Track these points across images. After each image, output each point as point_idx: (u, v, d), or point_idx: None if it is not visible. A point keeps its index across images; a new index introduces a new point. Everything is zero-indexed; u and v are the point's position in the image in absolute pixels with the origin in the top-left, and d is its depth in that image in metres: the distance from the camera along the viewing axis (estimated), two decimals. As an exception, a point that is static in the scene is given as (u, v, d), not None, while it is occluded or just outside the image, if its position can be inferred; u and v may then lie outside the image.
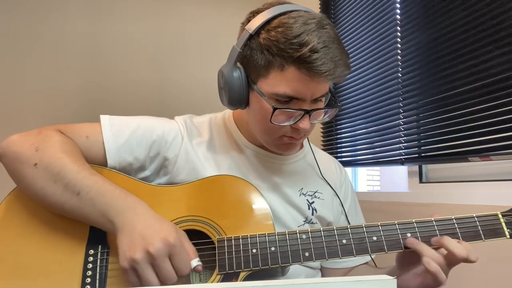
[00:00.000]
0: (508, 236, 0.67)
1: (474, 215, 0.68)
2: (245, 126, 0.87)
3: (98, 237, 0.70)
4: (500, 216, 0.68)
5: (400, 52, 1.50)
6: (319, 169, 0.91)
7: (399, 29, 1.51)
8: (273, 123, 0.72)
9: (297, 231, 0.69)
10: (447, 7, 1.25)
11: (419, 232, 0.67)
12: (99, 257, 0.69)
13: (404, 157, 1.47)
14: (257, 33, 0.72)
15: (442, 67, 1.27)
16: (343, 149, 1.94)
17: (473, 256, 0.64)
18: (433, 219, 0.68)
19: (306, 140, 0.94)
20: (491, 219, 0.68)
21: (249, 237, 0.68)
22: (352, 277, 0.42)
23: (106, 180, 0.69)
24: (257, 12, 0.74)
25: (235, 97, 0.75)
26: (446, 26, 1.25)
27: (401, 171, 1.86)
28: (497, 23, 1.06)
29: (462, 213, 0.69)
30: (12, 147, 0.70)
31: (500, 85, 1.06)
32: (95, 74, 2.24)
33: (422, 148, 1.39)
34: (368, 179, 2.95)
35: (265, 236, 0.68)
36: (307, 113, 0.72)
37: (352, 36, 1.86)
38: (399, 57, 1.50)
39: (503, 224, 0.67)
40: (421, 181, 1.47)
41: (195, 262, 0.64)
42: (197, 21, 2.47)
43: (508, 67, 1.03)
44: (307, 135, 0.82)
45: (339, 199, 0.91)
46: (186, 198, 0.75)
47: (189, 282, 0.71)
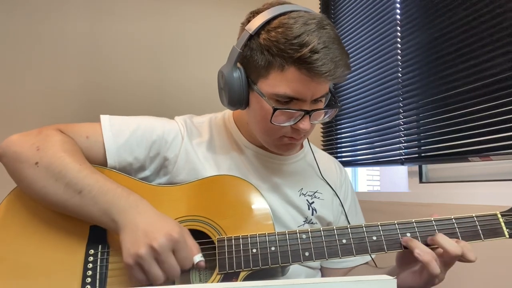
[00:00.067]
0: (507, 236, 0.67)
1: (473, 215, 0.68)
2: (245, 126, 0.87)
3: (99, 236, 0.70)
4: (499, 216, 0.68)
5: (400, 52, 1.50)
6: (319, 169, 0.91)
7: (399, 29, 1.51)
8: (273, 123, 0.72)
9: (297, 231, 0.69)
10: (447, 7, 1.25)
11: (418, 232, 0.68)
12: (99, 256, 0.69)
13: (404, 157, 1.47)
14: (257, 33, 0.72)
15: (442, 67, 1.27)
16: (343, 149, 1.94)
17: (472, 256, 0.64)
18: (432, 219, 0.68)
19: (306, 140, 0.94)
20: (490, 219, 0.68)
21: (249, 237, 0.68)
22: (352, 277, 0.42)
23: (108, 178, 0.69)
24: (257, 12, 0.74)
25: (235, 98, 0.76)
26: (446, 26, 1.25)
27: (401, 171, 1.86)
28: (497, 23, 1.07)
29: (462, 213, 0.69)
30: (12, 147, 0.70)
31: (500, 85, 1.06)
32: (95, 74, 2.24)
33: (422, 148, 1.39)
34: (368, 179, 2.95)
35: (265, 236, 0.68)
36: (307, 113, 0.72)
37: (352, 36, 1.86)
38: (399, 57, 1.50)
39: (502, 224, 0.67)
40: (421, 181, 1.47)
41: (198, 258, 0.65)
42: (197, 21, 2.47)
43: (508, 67, 1.03)
44: (307, 135, 0.82)
45: (339, 199, 0.91)
46: (186, 198, 0.75)
47: (189, 282, 0.71)
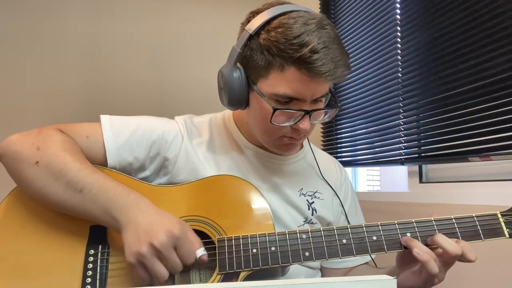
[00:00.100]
0: (507, 236, 0.67)
1: (473, 215, 0.68)
2: (245, 126, 0.87)
3: (99, 237, 0.70)
4: (499, 215, 0.68)
5: (400, 52, 1.50)
6: (319, 169, 0.91)
7: (399, 29, 1.51)
8: (273, 123, 0.72)
9: (297, 231, 0.69)
10: (447, 7, 1.25)
11: (419, 232, 0.68)
12: (99, 257, 0.69)
13: (404, 157, 1.47)
14: (257, 33, 0.72)
15: (442, 67, 1.27)
16: (343, 149, 1.94)
17: (471, 256, 0.64)
18: (432, 219, 0.68)
19: (306, 140, 0.94)
20: (491, 219, 0.68)
21: (249, 237, 0.68)
22: (352, 277, 0.42)
23: (108, 177, 0.69)
24: (257, 12, 0.74)
25: (235, 98, 0.76)
26: (446, 26, 1.25)
27: (401, 171, 1.86)
28: (497, 23, 1.07)
29: (462, 213, 0.69)
30: (12, 146, 0.70)
31: (500, 85, 1.06)
32: (95, 74, 2.24)
33: (422, 148, 1.39)
34: (368, 179, 2.95)
35: (265, 236, 0.68)
36: (307, 113, 0.72)
37: (352, 36, 1.86)
38: (399, 57, 1.50)
39: (502, 224, 0.67)
40: (421, 181, 1.47)
41: (200, 252, 0.65)
42: (197, 21, 2.47)
43: (508, 67, 1.03)
44: (307, 135, 0.82)
45: (339, 199, 0.91)
46: (186, 198, 0.75)
47: (189, 282, 0.71)
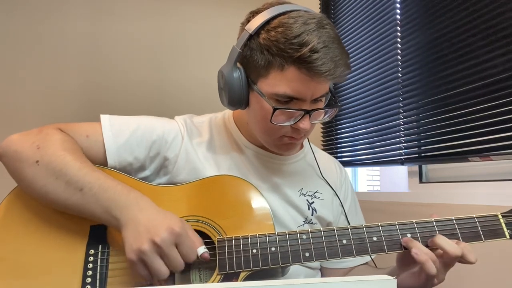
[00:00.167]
0: (508, 237, 0.67)
1: (474, 216, 0.68)
2: (245, 126, 0.87)
3: (99, 236, 0.70)
4: (500, 216, 0.68)
5: (400, 52, 1.50)
6: (319, 169, 0.91)
7: (399, 29, 1.51)
8: (273, 123, 0.72)
9: (297, 231, 0.69)
10: (447, 7, 1.25)
11: (419, 232, 0.67)
12: (99, 256, 0.69)
13: (404, 157, 1.47)
14: (257, 33, 0.72)
15: (442, 67, 1.27)
16: (343, 149, 1.94)
17: (471, 257, 0.64)
18: (433, 219, 0.68)
19: (306, 140, 0.94)
20: (491, 220, 0.68)
21: (250, 237, 0.68)
22: (352, 277, 0.42)
23: (108, 176, 0.69)
24: (257, 12, 0.74)
25: (235, 98, 0.75)
26: (446, 26, 1.25)
27: (401, 171, 1.86)
28: (497, 23, 1.06)
29: (462, 213, 0.69)
30: (12, 146, 0.70)
31: (500, 85, 1.06)
32: (95, 74, 2.23)
33: (422, 148, 1.39)
34: (368, 179, 2.95)
35: (266, 236, 0.68)
36: (307, 113, 0.72)
37: (352, 36, 1.86)
38: (399, 57, 1.50)
39: (503, 225, 0.67)
40: (421, 181, 1.47)
41: (201, 249, 0.65)
42: (197, 21, 2.47)
43: (508, 67, 1.03)
44: (307, 135, 0.82)
45: (339, 199, 0.91)
46: (186, 198, 0.75)
47: (189, 282, 0.71)
